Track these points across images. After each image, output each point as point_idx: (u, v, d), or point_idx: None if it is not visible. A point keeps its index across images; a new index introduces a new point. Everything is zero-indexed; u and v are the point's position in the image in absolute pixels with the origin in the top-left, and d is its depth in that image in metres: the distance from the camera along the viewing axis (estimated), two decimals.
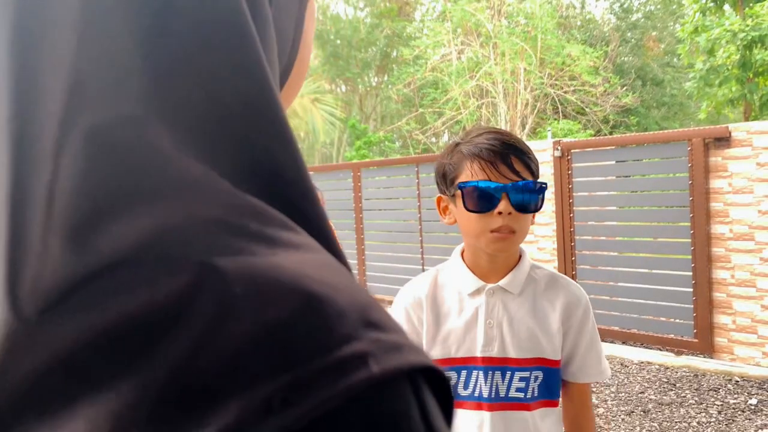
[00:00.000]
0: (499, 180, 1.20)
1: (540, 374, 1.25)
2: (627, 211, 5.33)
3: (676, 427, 3.64)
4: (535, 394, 1.24)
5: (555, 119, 15.65)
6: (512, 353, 1.25)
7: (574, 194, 5.30)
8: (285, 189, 0.29)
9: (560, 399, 1.31)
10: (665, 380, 4.34)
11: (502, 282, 1.28)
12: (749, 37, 10.85)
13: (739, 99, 12.03)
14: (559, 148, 5.36)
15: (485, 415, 1.23)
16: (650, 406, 3.95)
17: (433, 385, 0.26)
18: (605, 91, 15.46)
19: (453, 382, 1.26)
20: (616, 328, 5.08)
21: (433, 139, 18.62)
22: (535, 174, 1.25)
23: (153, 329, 0.22)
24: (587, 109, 15.58)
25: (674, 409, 3.87)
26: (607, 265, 5.21)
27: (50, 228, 0.24)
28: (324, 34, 23.41)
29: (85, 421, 0.21)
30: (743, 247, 4.40)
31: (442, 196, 1.32)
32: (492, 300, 1.27)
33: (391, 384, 0.23)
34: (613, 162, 5.21)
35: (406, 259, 6.85)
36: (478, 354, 1.25)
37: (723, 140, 4.46)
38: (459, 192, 1.23)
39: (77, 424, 0.21)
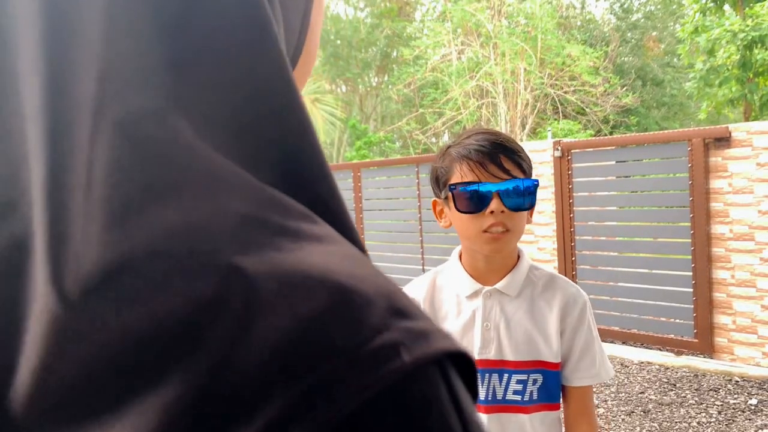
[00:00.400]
0: (489, 180, 1.20)
1: (539, 377, 1.25)
2: (627, 211, 5.34)
3: (677, 427, 3.64)
4: (534, 397, 1.24)
5: (555, 119, 15.65)
6: (509, 356, 1.25)
7: (574, 194, 5.31)
8: (306, 180, 0.30)
9: (561, 403, 1.31)
10: (665, 380, 4.34)
11: (499, 284, 1.28)
12: (749, 37, 10.86)
13: (739, 99, 12.03)
14: (559, 148, 5.36)
15: (482, 417, 1.21)
16: (650, 406, 3.95)
17: (460, 368, 0.26)
18: (605, 91, 15.47)
19: None
20: (616, 329, 5.08)
21: (434, 140, 18.62)
22: (526, 172, 1.24)
23: (194, 326, 0.22)
24: (587, 110, 15.58)
25: (674, 410, 3.87)
26: (607, 265, 5.21)
27: (89, 215, 0.24)
28: (324, 34, 23.41)
29: (135, 418, 0.21)
30: (743, 248, 4.41)
31: (437, 199, 1.34)
32: (489, 302, 1.28)
33: (422, 371, 0.24)
34: (613, 162, 5.21)
35: (406, 259, 6.85)
36: (475, 356, 1.25)
37: (723, 140, 4.46)
38: (451, 194, 1.24)
39: (126, 422, 0.21)
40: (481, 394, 1.25)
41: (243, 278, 0.23)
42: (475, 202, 1.21)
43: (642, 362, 4.69)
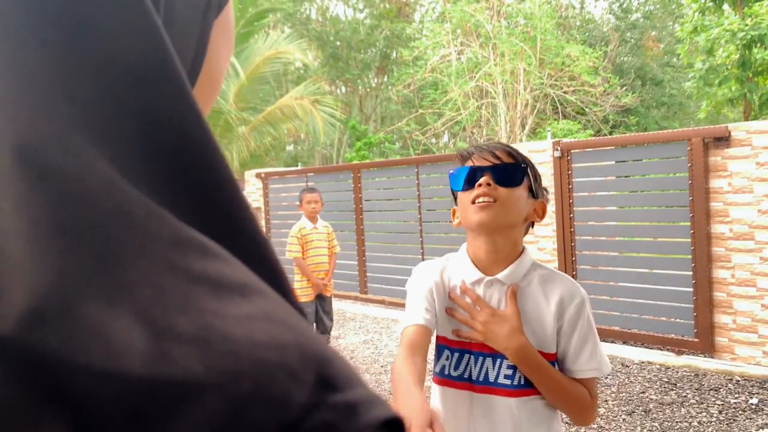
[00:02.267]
0: (481, 163, 1.36)
1: None
2: (627, 211, 5.34)
3: (677, 426, 3.64)
4: (522, 383, 1.30)
5: (555, 119, 15.65)
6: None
7: (574, 194, 5.31)
8: (220, 207, 0.28)
9: None
10: (666, 380, 4.34)
11: (500, 274, 1.35)
12: (748, 37, 10.85)
13: (739, 98, 12.03)
14: (559, 148, 5.36)
15: (473, 396, 1.32)
16: (651, 406, 3.95)
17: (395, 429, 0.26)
18: (605, 91, 15.47)
19: (448, 362, 1.36)
20: (617, 328, 5.08)
21: (433, 140, 18.62)
22: (519, 162, 1.36)
23: (127, 406, 0.21)
24: (587, 110, 15.58)
25: (675, 409, 3.87)
26: (608, 265, 5.21)
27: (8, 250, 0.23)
28: (323, 35, 23.42)
29: None
30: (743, 247, 4.41)
31: (454, 208, 1.45)
32: (489, 291, 1.36)
33: None
34: (613, 162, 5.21)
35: (406, 259, 6.85)
36: (473, 338, 1.34)
37: (722, 140, 4.47)
38: (450, 180, 1.39)
39: None
40: (474, 375, 1.32)
41: (169, 358, 0.22)
42: (468, 181, 1.34)
43: (643, 362, 4.69)
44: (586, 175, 5.30)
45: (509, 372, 1.30)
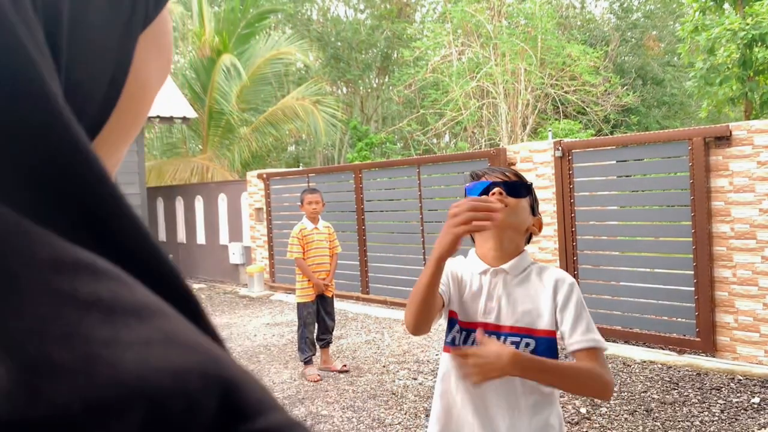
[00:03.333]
0: (492, 179, 1.65)
1: (531, 342, 1.54)
2: (628, 210, 5.34)
3: (679, 426, 3.65)
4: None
5: (556, 119, 15.66)
6: (506, 322, 1.56)
7: (575, 194, 5.31)
8: (105, 217, 0.25)
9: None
10: (668, 379, 4.35)
11: (504, 265, 1.61)
12: (749, 36, 10.85)
13: (740, 98, 12.02)
14: (560, 148, 5.36)
15: None
16: (653, 405, 3.95)
17: None
18: (606, 90, 15.47)
19: (460, 336, 1.60)
20: (619, 328, 5.08)
21: (434, 140, 18.63)
22: (523, 181, 1.67)
23: None
24: (588, 109, 15.58)
25: (677, 408, 3.87)
26: (609, 264, 5.21)
27: None
28: (324, 36, 23.44)
29: None
30: (745, 246, 4.41)
31: None
32: (495, 279, 1.61)
33: None
34: (614, 162, 5.22)
35: (407, 260, 6.85)
36: (479, 320, 1.58)
37: (723, 139, 4.47)
38: (466, 193, 1.64)
39: None
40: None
41: (40, 396, 0.19)
42: (484, 192, 1.60)
43: (644, 361, 4.69)
44: (587, 174, 5.31)
45: (512, 347, 1.48)
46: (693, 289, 4.65)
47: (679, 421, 3.70)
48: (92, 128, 0.32)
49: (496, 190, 1.59)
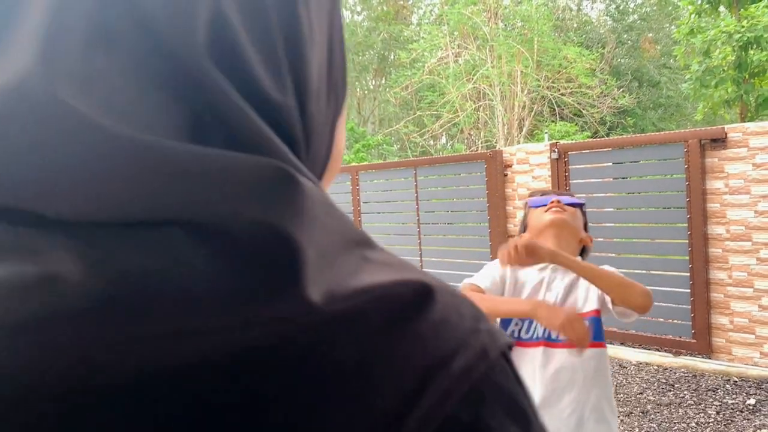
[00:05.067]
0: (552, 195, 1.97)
1: (586, 322, 1.69)
2: (624, 212, 5.35)
3: (675, 427, 3.66)
4: None
5: (552, 121, 15.68)
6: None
7: None
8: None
9: (604, 341, 1.80)
10: (664, 381, 4.36)
11: None
12: (745, 38, 10.89)
13: (735, 100, 12.06)
14: (556, 150, 5.37)
15: (545, 350, 1.74)
16: (649, 407, 3.96)
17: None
18: (602, 92, 15.51)
19: (518, 327, 1.80)
20: (615, 329, 5.09)
21: (431, 142, 18.65)
22: (579, 200, 1.98)
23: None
24: (584, 111, 15.62)
25: (673, 410, 3.88)
26: (605, 266, 5.22)
27: None
28: None
29: None
30: (740, 248, 4.42)
31: (522, 235, 1.94)
32: (553, 273, 1.85)
33: (499, 362, 0.30)
34: (610, 164, 5.22)
35: None
36: None
37: (719, 141, 4.48)
38: (529, 209, 1.96)
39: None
40: (540, 335, 1.76)
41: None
42: (542, 201, 1.93)
43: (640, 363, 4.70)
44: (583, 176, 5.32)
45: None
46: (689, 290, 4.66)
47: (675, 423, 3.70)
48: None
49: (554, 200, 1.89)
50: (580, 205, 1.94)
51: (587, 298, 1.79)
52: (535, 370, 1.73)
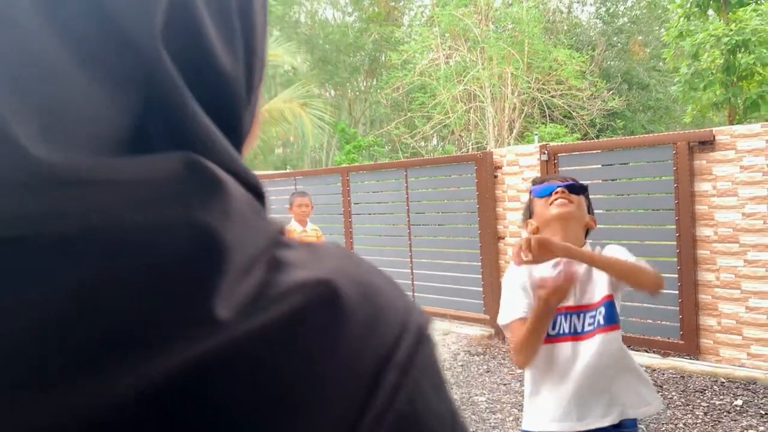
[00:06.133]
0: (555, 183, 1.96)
1: (602, 309, 1.85)
2: (613, 214, 5.38)
3: (663, 428, 3.68)
4: (601, 323, 1.84)
5: (542, 123, 15.74)
6: (583, 302, 1.86)
7: None
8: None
9: (620, 323, 1.90)
10: (652, 382, 4.37)
11: None
12: (733, 42, 10.97)
13: (724, 103, 12.14)
14: (546, 152, 5.39)
15: (573, 345, 1.84)
16: None
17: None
18: (592, 95, 15.58)
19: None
20: None
21: (422, 143, 18.66)
22: (581, 183, 1.98)
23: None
24: (574, 113, 15.68)
25: (661, 411, 3.90)
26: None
27: None
28: (312, 38, 23.41)
29: None
30: (728, 250, 4.46)
31: (527, 221, 2.00)
32: (568, 264, 1.81)
33: (430, 338, 0.32)
34: (600, 165, 5.25)
35: (395, 263, 6.86)
36: (561, 305, 1.80)
37: (707, 144, 4.52)
38: (534, 199, 1.96)
39: None
40: (566, 329, 1.85)
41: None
42: (546, 191, 1.93)
43: None
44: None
45: (590, 320, 1.84)
46: (677, 292, 4.69)
47: (663, 424, 3.73)
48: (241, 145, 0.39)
49: (559, 189, 1.90)
50: (582, 188, 1.96)
51: (604, 289, 1.85)
52: (567, 364, 1.82)
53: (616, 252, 1.91)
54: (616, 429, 1.84)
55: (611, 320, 1.86)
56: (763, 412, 3.78)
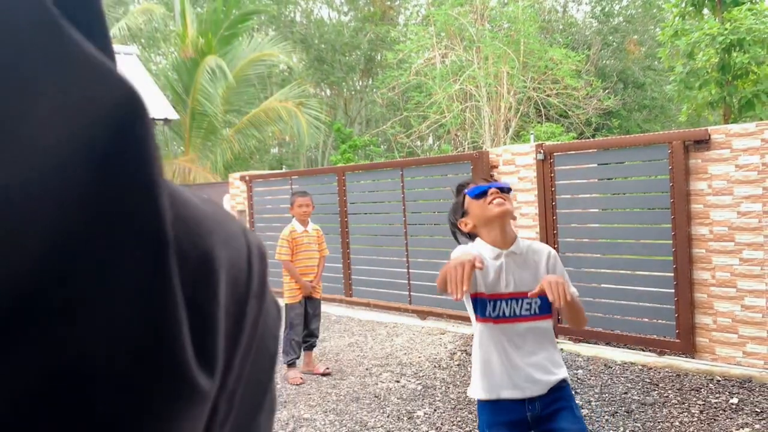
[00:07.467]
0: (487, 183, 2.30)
1: (538, 300, 2.17)
2: (609, 213, 5.38)
3: (659, 427, 3.68)
4: (536, 311, 2.19)
5: (538, 122, 15.76)
6: (520, 289, 2.16)
7: (556, 197, 5.35)
8: None
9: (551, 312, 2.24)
10: (648, 380, 4.39)
11: (512, 248, 2.20)
12: (728, 41, 11.00)
13: (719, 102, 12.17)
14: (542, 151, 5.40)
15: (514, 325, 2.17)
16: (633, 406, 3.99)
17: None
18: (587, 94, 15.60)
19: (489, 307, 2.17)
20: (600, 330, 5.12)
21: (418, 143, 18.67)
22: (507, 185, 2.27)
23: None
24: (570, 112, 15.71)
25: (657, 410, 3.91)
26: (590, 266, 5.25)
27: None
28: (308, 38, 23.38)
29: None
30: (723, 248, 4.47)
31: (462, 220, 2.29)
32: (508, 258, 2.19)
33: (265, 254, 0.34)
34: (596, 165, 5.26)
35: (391, 262, 6.85)
36: (503, 291, 2.16)
37: (703, 143, 4.53)
38: (469, 200, 2.24)
39: None
40: (506, 312, 2.16)
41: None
42: (483, 192, 2.21)
43: (625, 363, 4.74)
44: (568, 177, 5.34)
45: (527, 306, 2.17)
46: (673, 290, 4.70)
47: (659, 422, 3.73)
48: None
49: (494, 189, 2.18)
50: (509, 190, 2.24)
51: (539, 279, 2.09)
52: (503, 337, 2.16)
53: (552, 257, 2.24)
54: (554, 392, 2.17)
55: (545, 310, 2.21)
56: (759, 410, 3.79)
